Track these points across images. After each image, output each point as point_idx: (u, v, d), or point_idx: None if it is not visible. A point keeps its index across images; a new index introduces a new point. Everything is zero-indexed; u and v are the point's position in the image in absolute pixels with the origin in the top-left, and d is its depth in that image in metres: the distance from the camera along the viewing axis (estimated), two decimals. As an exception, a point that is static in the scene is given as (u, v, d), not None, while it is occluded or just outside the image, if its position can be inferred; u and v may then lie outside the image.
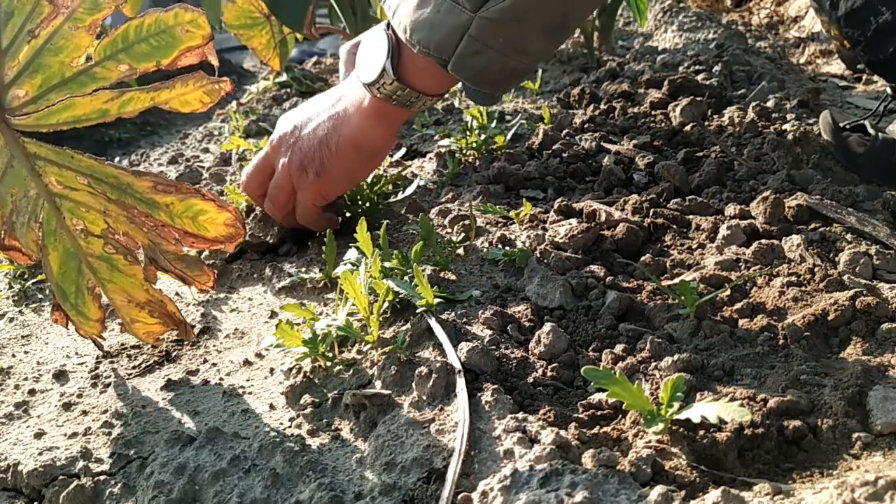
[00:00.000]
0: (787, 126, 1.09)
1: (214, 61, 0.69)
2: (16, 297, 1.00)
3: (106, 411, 0.68)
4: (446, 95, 1.80)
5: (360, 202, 1.02)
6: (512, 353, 0.62)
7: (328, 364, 0.67)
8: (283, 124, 0.89)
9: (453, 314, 0.68)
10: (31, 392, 0.74)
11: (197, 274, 0.73)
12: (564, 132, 1.25)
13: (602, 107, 1.39)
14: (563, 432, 0.49)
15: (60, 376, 0.76)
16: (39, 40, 0.63)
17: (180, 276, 0.73)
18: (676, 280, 0.69)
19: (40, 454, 0.62)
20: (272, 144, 0.89)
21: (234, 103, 2.24)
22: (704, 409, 0.46)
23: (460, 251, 0.86)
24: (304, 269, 0.91)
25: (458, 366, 0.58)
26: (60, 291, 0.70)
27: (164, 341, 0.80)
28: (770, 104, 1.21)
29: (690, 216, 0.85)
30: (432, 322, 0.65)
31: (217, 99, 0.68)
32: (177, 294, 0.93)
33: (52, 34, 0.63)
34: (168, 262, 0.71)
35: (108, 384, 0.73)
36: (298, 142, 0.85)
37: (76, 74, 0.64)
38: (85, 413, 0.68)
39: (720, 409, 0.46)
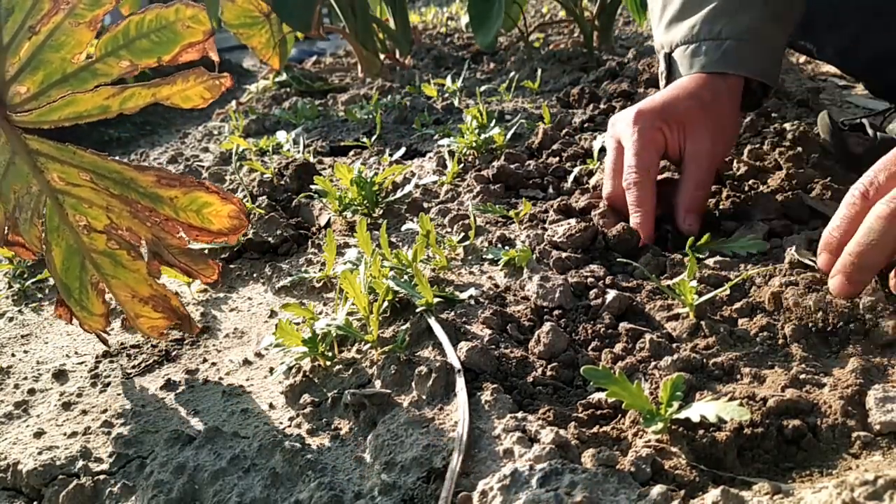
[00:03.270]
0: (787, 126, 1.09)
1: (215, 57, 0.69)
2: (15, 297, 1.00)
3: (105, 411, 0.68)
4: (446, 95, 1.80)
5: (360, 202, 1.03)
6: (511, 352, 0.62)
7: (328, 363, 0.67)
8: None
9: (453, 314, 0.68)
10: (31, 391, 0.74)
11: (202, 267, 0.74)
12: (564, 132, 1.25)
13: (602, 106, 1.39)
14: (562, 432, 0.49)
15: (60, 376, 0.76)
16: (40, 37, 0.63)
17: (185, 269, 0.73)
18: (676, 279, 0.69)
19: (40, 453, 0.62)
20: None
21: (233, 103, 2.24)
22: (704, 408, 0.46)
23: (460, 251, 0.86)
24: (303, 269, 0.91)
25: (457, 365, 0.59)
26: (64, 287, 0.70)
27: (164, 340, 0.80)
28: (770, 104, 1.21)
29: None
30: (432, 321, 0.65)
31: (218, 94, 0.68)
32: (176, 294, 0.93)
33: (53, 30, 0.63)
34: (172, 257, 0.71)
35: (108, 383, 0.73)
36: None
37: (77, 71, 0.64)
38: (84, 412, 0.68)
39: (719, 409, 0.46)
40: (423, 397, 0.58)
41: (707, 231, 0.76)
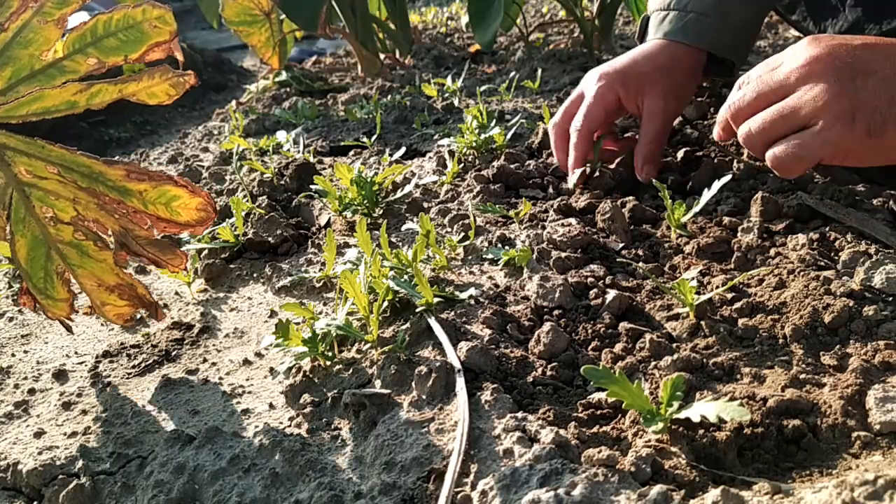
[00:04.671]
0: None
1: (180, 57, 0.71)
2: (15, 297, 1.00)
3: (105, 410, 0.68)
4: (446, 95, 1.80)
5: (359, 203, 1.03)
6: (511, 352, 0.62)
7: (328, 363, 0.67)
8: (839, 52, 0.68)
9: (453, 313, 0.68)
10: (31, 391, 0.74)
11: (170, 257, 0.75)
12: (564, 131, 1.25)
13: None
14: (562, 431, 0.49)
15: (60, 376, 0.76)
16: (8, 33, 0.64)
17: (153, 259, 0.74)
18: (676, 279, 0.69)
19: (40, 453, 0.62)
20: (807, 61, 0.68)
21: (233, 102, 2.24)
22: (704, 408, 0.46)
23: (460, 250, 0.86)
24: (303, 269, 0.91)
25: (457, 365, 0.59)
26: (28, 276, 0.71)
27: (164, 340, 0.80)
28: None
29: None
30: (432, 321, 0.65)
31: (182, 91, 0.70)
32: (176, 293, 0.93)
33: (22, 27, 0.64)
34: (140, 247, 0.73)
35: (108, 383, 0.73)
36: (862, 83, 0.65)
37: (46, 67, 0.66)
38: (84, 412, 0.68)
39: (720, 409, 0.46)
40: (423, 397, 0.58)
41: (708, 231, 0.76)
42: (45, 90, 0.65)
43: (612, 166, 1.01)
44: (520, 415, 0.53)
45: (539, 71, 1.80)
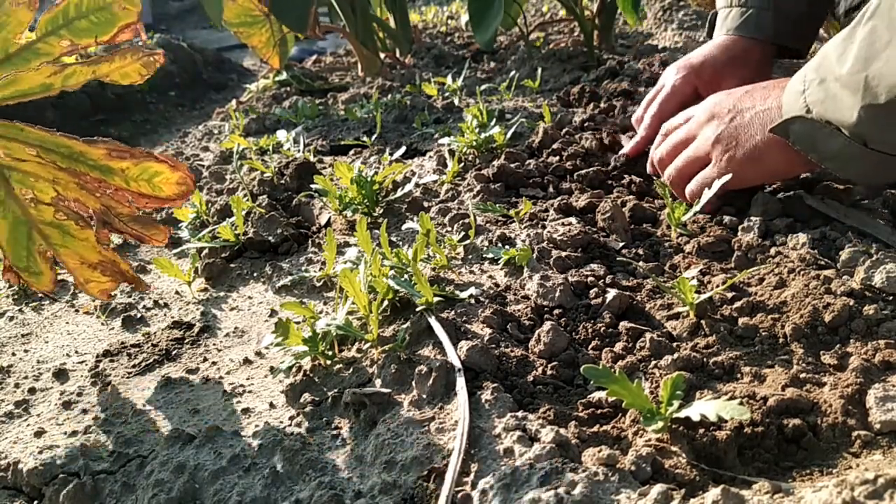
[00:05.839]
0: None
1: (143, 37, 0.72)
2: (16, 296, 1.00)
3: (106, 410, 0.68)
4: (446, 94, 1.80)
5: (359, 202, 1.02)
6: (512, 351, 0.62)
7: (328, 362, 0.67)
8: (722, 98, 0.85)
9: (453, 313, 0.68)
10: (31, 391, 0.74)
11: (153, 232, 0.77)
12: (564, 131, 1.25)
13: (602, 105, 1.39)
14: (562, 431, 0.49)
15: (60, 375, 0.76)
16: None
17: (136, 235, 0.76)
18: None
19: (40, 453, 0.62)
20: (703, 112, 0.85)
21: (233, 102, 2.24)
22: (704, 407, 0.46)
23: (460, 250, 0.86)
24: (304, 268, 0.91)
25: (457, 364, 0.59)
26: (12, 255, 0.72)
27: (164, 340, 0.80)
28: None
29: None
30: (432, 320, 0.65)
31: (153, 71, 0.72)
32: (176, 293, 0.93)
33: None
34: (123, 224, 0.74)
35: (108, 383, 0.73)
36: (740, 119, 0.79)
37: (20, 51, 0.66)
38: (85, 412, 0.68)
39: (720, 408, 0.46)
40: (424, 396, 0.58)
41: (708, 230, 0.76)
42: (20, 73, 0.66)
43: None
44: (520, 414, 0.53)
45: (539, 70, 1.79)
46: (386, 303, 0.71)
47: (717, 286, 0.66)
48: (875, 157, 0.66)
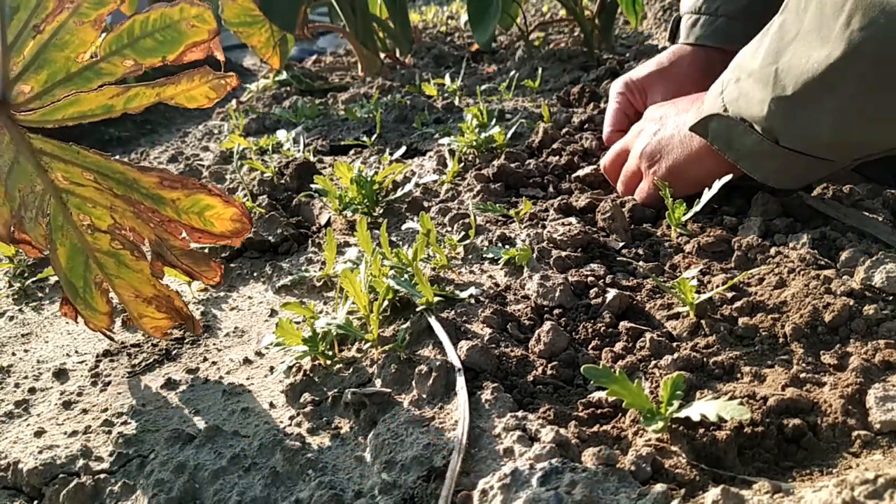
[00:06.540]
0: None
1: (220, 56, 0.68)
2: (16, 296, 1.00)
3: (106, 410, 0.68)
4: (446, 94, 1.80)
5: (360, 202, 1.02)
6: (512, 351, 0.62)
7: (328, 362, 0.67)
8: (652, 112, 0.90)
9: (453, 312, 0.68)
10: (32, 390, 0.74)
11: (204, 269, 0.73)
12: (564, 130, 1.25)
13: (602, 105, 1.39)
14: (562, 430, 0.49)
15: (60, 375, 0.76)
16: (45, 35, 0.63)
17: (187, 271, 0.73)
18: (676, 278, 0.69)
19: (40, 452, 0.62)
20: (636, 127, 0.90)
21: (233, 102, 2.24)
22: (704, 407, 0.46)
23: (460, 250, 0.86)
24: (304, 268, 0.91)
25: (458, 364, 0.59)
26: (70, 286, 0.70)
27: (165, 340, 0.80)
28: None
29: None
30: (432, 320, 0.65)
31: (223, 94, 0.68)
32: (176, 293, 0.93)
33: (58, 29, 0.63)
34: (175, 258, 0.71)
35: (109, 382, 0.73)
36: (662, 128, 0.84)
37: (82, 70, 0.64)
38: (85, 411, 0.68)
39: (720, 408, 0.46)
40: (424, 396, 0.58)
41: (708, 230, 0.76)
42: (82, 94, 0.64)
43: None
44: (520, 414, 0.53)
45: (539, 70, 1.80)
46: (386, 303, 0.71)
47: (717, 286, 0.66)
48: (785, 154, 0.67)
